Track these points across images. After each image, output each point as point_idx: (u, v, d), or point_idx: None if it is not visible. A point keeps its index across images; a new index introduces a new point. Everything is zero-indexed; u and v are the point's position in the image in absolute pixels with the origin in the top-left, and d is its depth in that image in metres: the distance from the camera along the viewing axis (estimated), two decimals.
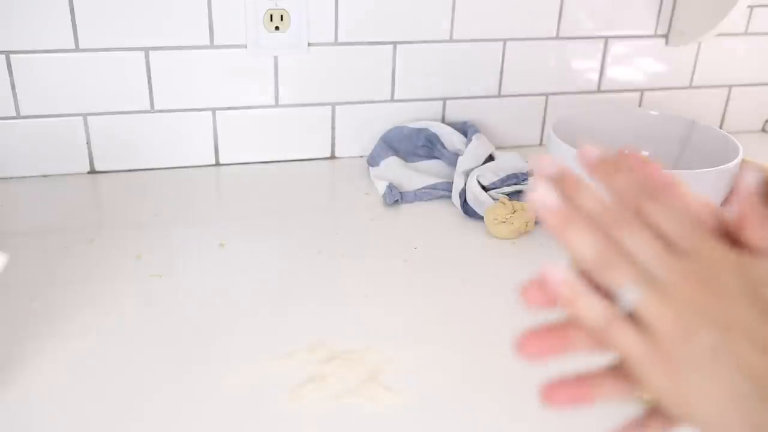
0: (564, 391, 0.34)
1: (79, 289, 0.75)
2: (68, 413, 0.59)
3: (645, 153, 1.00)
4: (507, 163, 1.00)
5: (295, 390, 0.62)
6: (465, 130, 1.07)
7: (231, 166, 1.06)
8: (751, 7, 1.18)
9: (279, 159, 1.08)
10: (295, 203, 0.97)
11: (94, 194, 0.99)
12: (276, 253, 0.84)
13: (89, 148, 1.01)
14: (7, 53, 0.93)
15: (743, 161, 0.33)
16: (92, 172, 1.02)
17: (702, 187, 0.85)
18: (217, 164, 1.06)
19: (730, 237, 0.33)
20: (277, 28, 0.99)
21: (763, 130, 1.30)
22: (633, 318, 0.31)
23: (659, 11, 1.14)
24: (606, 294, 0.32)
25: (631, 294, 0.31)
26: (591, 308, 0.32)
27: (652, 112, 1.03)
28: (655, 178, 0.33)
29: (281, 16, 0.98)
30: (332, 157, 1.11)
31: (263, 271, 0.80)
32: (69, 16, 0.92)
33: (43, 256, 0.82)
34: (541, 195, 0.33)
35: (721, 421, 0.30)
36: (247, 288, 0.77)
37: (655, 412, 0.35)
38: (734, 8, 1.04)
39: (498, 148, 1.08)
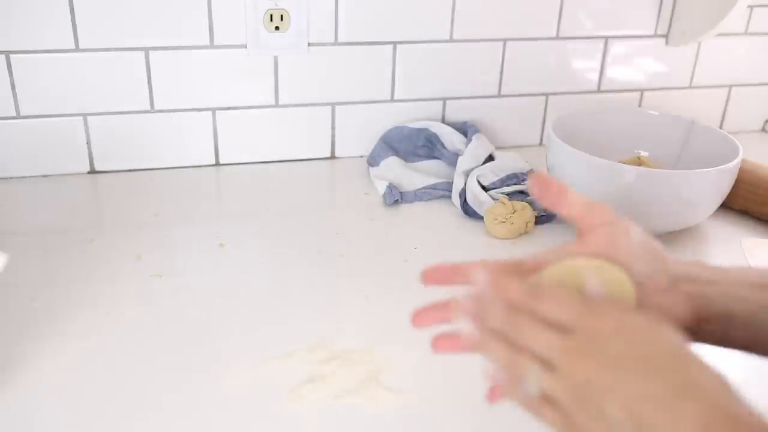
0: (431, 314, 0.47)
1: (79, 289, 0.75)
2: (68, 413, 0.59)
3: (644, 153, 1.01)
4: (507, 163, 1.00)
5: (295, 390, 0.62)
6: (465, 130, 1.07)
7: (231, 166, 1.06)
8: (751, 7, 1.18)
9: (279, 159, 1.08)
10: (295, 203, 0.97)
11: (94, 194, 0.99)
12: (276, 253, 0.84)
13: (89, 148, 1.01)
14: (7, 53, 0.93)
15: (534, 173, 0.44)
16: (92, 172, 1.02)
17: (702, 187, 0.85)
18: (217, 164, 1.06)
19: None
20: (277, 28, 0.99)
21: (763, 130, 1.30)
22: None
23: (659, 11, 1.14)
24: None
25: (534, 381, 0.40)
26: (519, 400, 0.42)
27: (652, 112, 1.03)
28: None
29: (281, 16, 0.98)
30: (332, 157, 1.11)
31: (263, 271, 0.80)
32: (69, 16, 0.92)
33: (43, 256, 0.82)
34: (464, 329, 0.44)
35: None
36: (247, 288, 0.77)
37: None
38: (734, 8, 1.04)
39: (498, 148, 1.08)
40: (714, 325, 0.46)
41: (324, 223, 0.91)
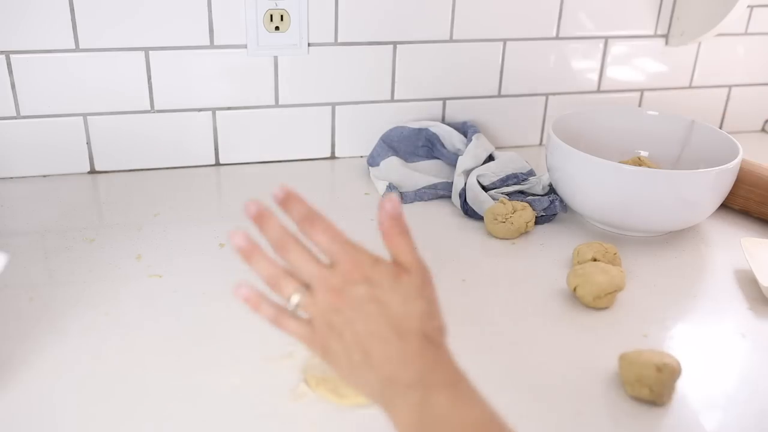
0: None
1: (79, 289, 0.75)
2: (68, 413, 0.59)
3: (644, 153, 1.01)
4: (507, 163, 1.00)
5: (295, 390, 0.62)
6: (465, 130, 1.07)
7: (231, 166, 1.07)
8: (751, 7, 1.18)
9: (279, 159, 1.08)
10: None
11: (94, 194, 0.99)
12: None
13: (89, 148, 1.01)
14: (7, 53, 0.93)
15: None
16: (92, 172, 1.02)
17: (702, 187, 0.85)
18: (217, 164, 1.06)
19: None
20: (277, 28, 0.99)
21: (763, 130, 1.30)
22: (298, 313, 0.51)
23: (659, 11, 1.14)
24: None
25: (294, 300, 0.50)
26: (265, 311, 0.51)
27: (652, 112, 1.03)
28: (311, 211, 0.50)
29: (281, 16, 0.98)
30: (332, 157, 1.11)
31: None
32: (69, 16, 0.92)
33: (43, 256, 0.82)
34: (233, 237, 0.51)
35: (352, 377, 0.49)
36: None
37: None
38: (734, 8, 1.04)
39: (498, 148, 1.08)
40: None
41: None
